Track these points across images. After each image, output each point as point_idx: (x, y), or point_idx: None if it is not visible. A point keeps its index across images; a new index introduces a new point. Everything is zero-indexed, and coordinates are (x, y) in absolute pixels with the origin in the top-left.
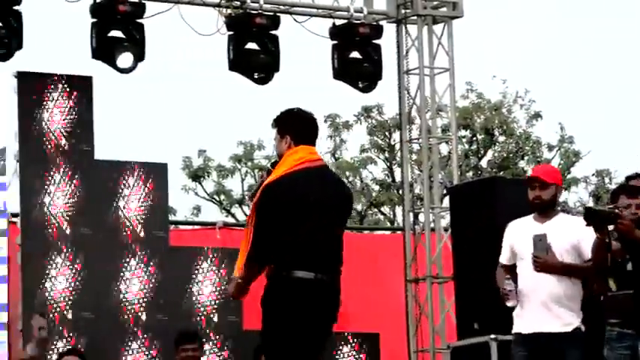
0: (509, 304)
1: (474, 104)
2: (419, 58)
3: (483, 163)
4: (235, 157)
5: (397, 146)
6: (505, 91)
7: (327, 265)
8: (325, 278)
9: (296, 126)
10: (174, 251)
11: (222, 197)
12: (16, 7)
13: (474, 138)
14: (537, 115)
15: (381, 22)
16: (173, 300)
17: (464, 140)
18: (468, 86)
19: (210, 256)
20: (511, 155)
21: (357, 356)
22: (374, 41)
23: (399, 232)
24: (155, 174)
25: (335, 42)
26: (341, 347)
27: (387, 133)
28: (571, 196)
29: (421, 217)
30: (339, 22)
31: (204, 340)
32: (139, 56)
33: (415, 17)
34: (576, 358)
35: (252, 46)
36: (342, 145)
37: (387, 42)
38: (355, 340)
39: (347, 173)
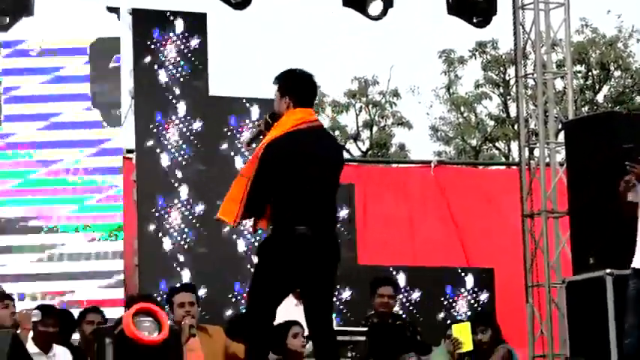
0: (629, 197)
1: (588, 39)
2: None
3: (599, 98)
4: (350, 93)
5: (512, 81)
6: (620, 25)
7: (326, 219)
8: (324, 232)
9: (297, 89)
10: None
11: (337, 133)
12: None
13: (589, 73)
14: None
15: None
16: None
17: (579, 75)
18: (583, 22)
19: None
20: (627, 90)
21: (472, 291)
22: None
23: (514, 167)
24: (269, 110)
25: None
26: (456, 283)
27: (501, 69)
28: None
29: (536, 152)
30: None
31: None
32: None
33: None
34: None
35: None
36: (456, 80)
37: None
38: (470, 275)
39: (462, 108)
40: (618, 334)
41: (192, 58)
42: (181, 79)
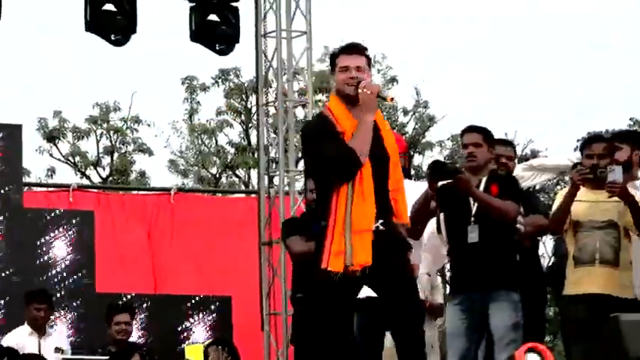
0: None
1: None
2: (276, 21)
3: None
4: (91, 119)
5: (254, 109)
6: None
7: None
8: None
9: None
10: (27, 212)
11: (77, 159)
12: None
13: None
14: (393, 80)
15: None
16: (25, 261)
17: (320, 104)
18: (326, 50)
19: (63, 217)
20: None
21: (211, 319)
22: (232, 4)
23: (253, 195)
24: (9, 135)
25: (193, 4)
26: (194, 310)
27: (243, 96)
28: (425, 160)
29: (276, 181)
30: None
31: (54, 300)
32: None
33: None
34: None
35: (109, 7)
36: (198, 107)
37: (245, 5)
38: (209, 303)
39: (202, 136)
40: None
41: None
42: None
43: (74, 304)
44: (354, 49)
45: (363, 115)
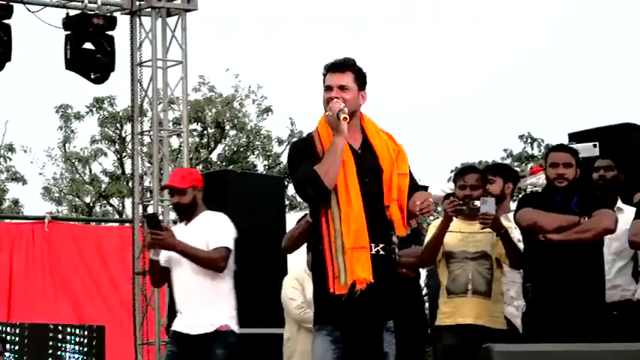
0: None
1: (205, 97)
2: (152, 50)
3: (214, 156)
4: None
5: (128, 138)
6: (237, 85)
7: None
8: None
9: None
10: None
11: None
12: None
13: (205, 131)
14: (268, 110)
15: (115, 14)
16: None
17: (195, 133)
18: (201, 79)
19: None
20: (241, 149)
21: (82, 349)
22: (107, 32)
23: (128, 224)
24: None
25: (68, 32)
26: (66, 340)
27: (118, 125)
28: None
29: (150, 210)
30: (72, 12)
31: None
32: None
33: (149, 9)
34: None
35: None
36: (72, 136)
37: (120, 33)
38: (81, 332)
39: (76, 164)
40: None
41: None
42: None
43: None
44: (337, 66)
45: (334, 138)
